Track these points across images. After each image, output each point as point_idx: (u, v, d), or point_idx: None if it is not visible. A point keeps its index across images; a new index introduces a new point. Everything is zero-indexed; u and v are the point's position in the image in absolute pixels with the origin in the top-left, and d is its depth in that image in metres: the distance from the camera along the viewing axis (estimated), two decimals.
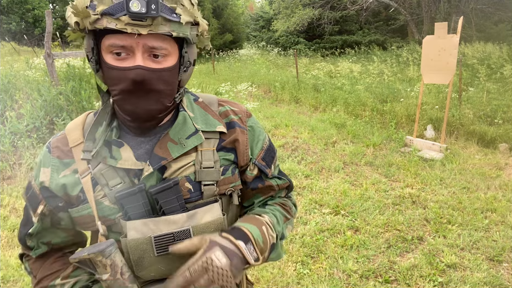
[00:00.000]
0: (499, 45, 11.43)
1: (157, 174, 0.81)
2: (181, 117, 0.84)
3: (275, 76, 11.07)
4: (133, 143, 0.83)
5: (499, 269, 2.70)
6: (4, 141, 4.46)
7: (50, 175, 0.84)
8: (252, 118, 0.95)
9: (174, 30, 0.72)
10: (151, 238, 0.78)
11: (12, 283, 2.62)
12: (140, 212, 0.80)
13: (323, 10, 17.80)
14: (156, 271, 0.81)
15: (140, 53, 0.72)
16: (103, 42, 0.74)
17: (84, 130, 0.85)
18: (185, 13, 0.74)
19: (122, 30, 0.69)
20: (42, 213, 0.86)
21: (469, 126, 5.65)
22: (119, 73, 0.73)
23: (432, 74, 5.03)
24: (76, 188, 0.83)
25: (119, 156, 0.80)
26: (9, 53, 17.97)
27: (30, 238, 0.89)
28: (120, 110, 0.80)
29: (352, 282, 2.60)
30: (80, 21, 0.72)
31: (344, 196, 3.88)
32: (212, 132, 0.86)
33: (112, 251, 0.78)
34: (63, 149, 0.85)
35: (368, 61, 13.00)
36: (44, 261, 0.92)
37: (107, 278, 0.78)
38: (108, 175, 0.80)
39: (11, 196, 3.84)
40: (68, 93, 5.39)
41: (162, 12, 0.70)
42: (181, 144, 0.82)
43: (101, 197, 0.81)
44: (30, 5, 25.42)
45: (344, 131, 6.16)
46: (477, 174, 4.33)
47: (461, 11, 14.27)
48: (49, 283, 0.89)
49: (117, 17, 0.68)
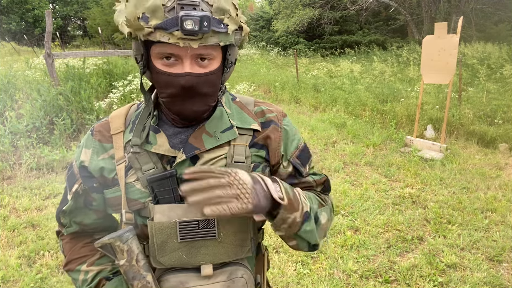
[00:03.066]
0: (499, 45, 11.42)
1: (189, 163, 0.85)
2: (218, 112, 0.87)
3: (275, 76, 11.07)
4: (169, 132, 0.87)
5: (499, 269, 2.70)
6: (4, 141, 4.46)
7: (90, 156, 0.90)
8: (287, 119, 0.97)
9: (222, 40, 0.75)
10: (176, 223, 0.81)
11: (12, 283, 2.62)
12: (169, 197, 0.83)
13: (323, 10, 17.80)
14: (177, 258, 0.83)
15: (189, 61, 0.76)
16: (153, 49, 0.77)
17: (126, 120, 0.90)
18: (232, 22, 0.76)
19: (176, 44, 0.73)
20: (77, 191, 0.91)
21: (469, 126, 5.65)
22: (169, 79, 0.77)
23: (432, 74, 5.03)
24: (112, 172, 0.88)
25: (155, 141, 0.84)
26: (9, 53, 17.97)
27: (64, 215, 0.95)
28: (169, 111, 0.85)
29: (352, 282, 2.60)
30: (133, 32, 0.75)
31: (344, 196, 3.87)
32: (246, 129, 0.89)
33: (129, 237, 0.81)
34: (104, 134, 0.90)
35: (368, 61, 13.00)
36: (75, 243, 0.98)
37: (123, 264, 0.81)
38: (142, 159, 0.84)
39: (11, 196, 3.84)
40: (67, 93, 5.39)
41: (212, 25, 0.72)
42: (215, 137, 0.85)
43: (133, 180, 0.85)
44: (30, 5, 25.41)
45: (344, 131, 6.16)
46: (477, 174, 4.33)
47: (461, 11, 14.27)
48: (75, 267, 0.95)
49: (170, 31, 0.71)
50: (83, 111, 5.45)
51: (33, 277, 2.64)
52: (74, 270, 0.94)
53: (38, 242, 3.06)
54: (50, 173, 4.40)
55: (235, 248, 0.85)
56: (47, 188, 4.02)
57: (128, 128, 0.89)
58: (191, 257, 0.83)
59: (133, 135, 0.85)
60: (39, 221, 3.38)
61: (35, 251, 2.94)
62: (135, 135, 0.85)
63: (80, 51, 9.45)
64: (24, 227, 3.31)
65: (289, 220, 0.78)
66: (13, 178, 4.28)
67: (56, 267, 2.76)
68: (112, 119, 0.91)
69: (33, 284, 2.59)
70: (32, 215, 3.49)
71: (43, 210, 3.61)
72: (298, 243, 0.86)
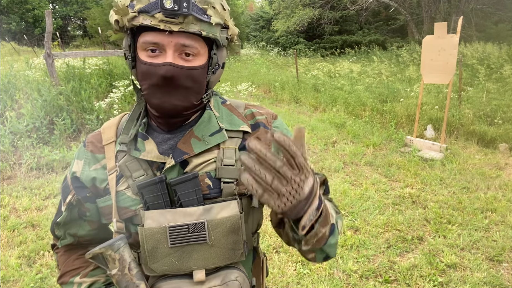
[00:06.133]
0: (499, 45, 11.43)
1: (179, 168, 0.84)
2: (206, 115, 0.87)
3: (275, 76, 11.07)
4: (159, 139, 0.87)
5: (499, 269, 2.70)
6: (4, 141, 4.46)
7: (82, 167, 0.90)
8: (279, 120, 0.95)
9: (204, 30, 0.76)
10: (166, 228, 0.80)
11: (12, 283, 2.62)
12: (159, 202, 0.82)
13: (323, 10, 17.80)
14: (169, 264, 0.82)
15: (172, 51, 0.77)
16: (139, 40, 0.79)
17: (118, 129, 0.91)
18: (216, 15, 0.78)
19: (156, 27, 0.74)
20: (70, 202, 0.91)
21: (469, 126, 5.65)
22: (150, 69, 0.78)
23: (432, 74, 5.03)
24: (104, 182, 0.88)
25: (143, 148, 0.84)
26: (9, 53, 17.96)
27: (58, 227, 0.94)
28: (148, 104, 0.85)
29: (352, 282, 2.61)
30: (119, 19, 0.78)
31: (344, 196, 3.88)
32: (236, 131, 0.88)
33: (120, 246, 0.80)
34: (96, 145, 0.91)
35: (368, 61, 13.00)
36: (69, 256, 0.98)
37: (116, 273, 0.79)
38: (132, 167, 0.85)
39: (11, 196, 3.84)
40: (68, 93, 5.39)
41: (193, 11, 0.74)
42: (204, 140, 0.85)
43: (124, 188, 0.85)
44: (30, 5, 25.42)
45: (344, 131, 6.16)
46: (477, 174, 4.33)
47: (461, 11, 14.27)
48: (69, 279, 0.94)
49: (152, 14, 0.74)
50: (83, 111, 5.45)
51: (33, 277, 2.64)
52: (68, 282, 0.94)
53: (38, 242, 3.06)
54: (50, 173, 4.40)
55: (227, 252, 0.83)
56: (47, 188, 4.02)
57: (119, 138, 0.88)
58: (182, 263, 0.82)
59: (122, 133, 0.86)
60: (39, 221, 3.38)
61: (35, 251, 2.95)
62: (124, 133, 0.86)
63: (80, 51, 9.45)
64: (24, 227, 3.31)
65: (320, 234, 0.73)
66: (13, 178, 4.28)
67: (56, 267, 2.76)
68: (104, 130, 0.92)
69: (33, 284, 2.59)
70: (32, 215, 3.49)
71: (43, 210, 3.61)
72: (316, 256, 0.81)
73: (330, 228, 0.75)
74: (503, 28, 14.71)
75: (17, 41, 23.93)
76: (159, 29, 0.75)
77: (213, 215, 0.81)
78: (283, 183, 0.60)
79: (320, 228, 0.72)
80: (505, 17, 14.81)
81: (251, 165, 0.59)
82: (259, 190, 0.60)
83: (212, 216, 0.81)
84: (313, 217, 0.67)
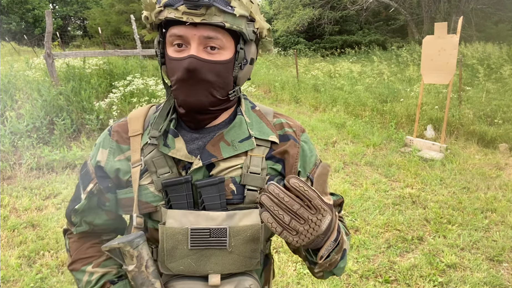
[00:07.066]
0: (499, 45, 11.43)
1: (204, 170, 0.84)
2: (238, 120, 0.86)
3: (275, 76, 11.07)
4: (187, 137, 0.86)
5: (499, 269, 2.70)
6: (4, 141, 4.46)
7: (107, 157, 0.89)
8: (306, 134, 0.95)
9: (227, 21, 0.75)
10: (188, 230, 0.80)
11: (12, 283, 2.62)
12: (182, 203, 0.82)
13: (323, 10, 17.80)
14: (186, 265, 0.82)
15: (196, 44, 0.76)
16: (167, 37, 0.79)
17: (145, 122, 0.90)
18: (240, 7, 0.76)
19: (179, 19, 0.74)
20: (91, 191, 0.90)
21: (469, 126, 5.65)
22: (176, 63, 0.78)
23: (432, 74, 5.03)
24: (127, 174, 0.88)
25: (173, 145, 0.83)
26: (9, 53, 17.96)
27: (75, 214, 0.93)
28: (176, 102, 0.84)
29: (352, 282, 2.60)
30: (148, 15, 0.79)
31: (344, 196, 3.87)
32: (264, 140, 0.87)
33: (139, 243, 0.80)
34: (122, 135, 0.90)
35: (368, 61, 13.00)
36: (83, 243, 0.96)
37: (132, 270, 0.79)
38: (158, 163, 0.84)
39: (11, 196, 3.84)
40: (68, 93, 5.39)
41: (216, 2, 0.73)
42: (233, 146, 0.84)
43: (147, 183, 0.84)
44: (30, 5, 25.42)
45: (344, 131, 6.16)
46: (477, 174, 4.33)
47: (461, 11, 14.27)
48: (81, 267, 0.93)
49: (175, 7, 0.74)
50: (83, 111, 5.45)
51: (33, 277, 2.64)
52: (79, 270, 0.93)
53: (38, 242, 3.06)
54: (50, 173, 4.40)
55: (244, 260, 0.83)
56: (47, 188, 4.02)
57: (146, 131, 0.88)
58: (200, 265, 0.81)
59: (152, 128, 0.84)
60: (39, 221, 3.38)
61: (35, 251, 2.95)
62: (154, 128, 0.84)
63: (80, 51, 9.45)
64: (24, 227, 3.31)
65: (333, 259, 0.75)
66: (13, 178, 4.28)
67: (56, 267, 2.76)
68: (130, 120, 0.90)
69: (33, 284, 2.59)
70: (32, 215, 3.49)
71: (43, 210, 3.61)
72: (324, 275, 0.83)
73: (342, 254, 0.78)
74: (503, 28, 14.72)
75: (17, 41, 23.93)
76: (184, 22, 0.74)
77: (235, 222, 0.81)
78: (301, 222, 0.64)
79: (335, 255, 0.74)
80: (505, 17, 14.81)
81: (269, 206, 0.63)
82: (278, 229, 0.64)
83: (235, 223, 0.81)
84: (331, 247, 0.71)
